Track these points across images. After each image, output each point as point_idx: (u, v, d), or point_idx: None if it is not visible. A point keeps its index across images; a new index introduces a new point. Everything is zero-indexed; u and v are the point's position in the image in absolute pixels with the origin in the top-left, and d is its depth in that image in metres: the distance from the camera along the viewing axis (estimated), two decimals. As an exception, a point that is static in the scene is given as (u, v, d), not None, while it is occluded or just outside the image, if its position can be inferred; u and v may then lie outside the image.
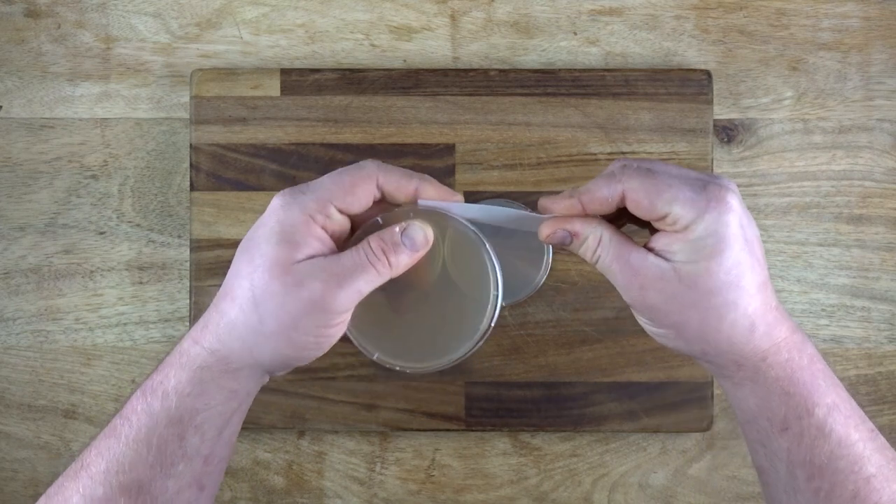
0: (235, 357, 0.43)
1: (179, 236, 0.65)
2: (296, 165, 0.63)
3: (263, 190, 0.63)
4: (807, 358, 0.43)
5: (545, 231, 0.45)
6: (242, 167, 0.63)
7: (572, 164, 0.63)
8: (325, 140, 0.63)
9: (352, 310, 0.44)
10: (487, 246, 0.46)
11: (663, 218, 0.42)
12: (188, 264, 0.64)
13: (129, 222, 0.65)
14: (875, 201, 0.64)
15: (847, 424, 0.43)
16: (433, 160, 0.63)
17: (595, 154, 0.63)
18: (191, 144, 0.63)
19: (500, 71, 0.63)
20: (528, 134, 0.63)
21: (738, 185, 0.64)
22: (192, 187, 0.63)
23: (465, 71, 0.63)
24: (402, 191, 0.45)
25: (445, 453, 0.64)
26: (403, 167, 0.63)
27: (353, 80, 0.63)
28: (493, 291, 0.46)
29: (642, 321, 0.45)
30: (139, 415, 0.43)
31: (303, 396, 0.63)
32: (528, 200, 0.62)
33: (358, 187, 0.44)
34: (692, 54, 0.65)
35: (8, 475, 0.65)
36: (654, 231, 0.44)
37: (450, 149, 0.63)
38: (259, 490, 0.64)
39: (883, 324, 0.64)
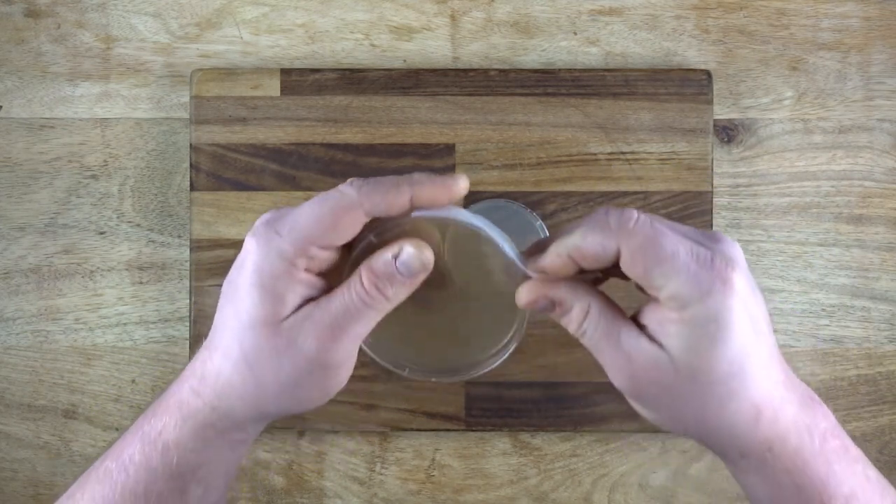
0: (238, 413, 0.41)
1: (179, 236, 0.65)
2: (296, 165, 0.63)
3: (263, 190, 0.63)
4: (819, 438, 0.39)
5: (524, 298, 0.41)
6: (242, 167, 0.63)
7: (572, 164, 0.63)
8: (325, 140, 0.63)
9: (355, 354, 0.41)
10: (501, 242, 0.41)
11: (659, 290, 0.38)
12: (188, 264, 0.64)
13: (129, 222, 0.65)
14: (875, 201, 0.64)
15: None
16: (433, 160, 0.63)
17: (595, 154, 0.63)
18: (191, 144, 0.63)
19: (500, 71, 0.63)
20: (528, 134, 0.63)
21: (738, 186, 0.64)
22: (192, 187, 0.63)
23: (465, 71, 0.63)
24: (394, 208, 0.39)
25: (445, 453, 0.64)
26: (401, 167, 0.63)
27: (353, 80, 0.63)
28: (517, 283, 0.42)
29: (633, 403, 0.41)
30: (137, 467, 0.41)
31: (303, 396, 0.62)
32: (528, 200, 0.62)
33: (340, 221, 0.39)
34: (692, 54, 0.65)
35: (8, 475, 0.65)
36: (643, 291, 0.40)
37: (450, 149, 0.63)
38: (259, 490, 0.64)
39: (883, 324, 0.64)
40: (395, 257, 0.39)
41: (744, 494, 0.64)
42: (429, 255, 0.40)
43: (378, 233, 0.40)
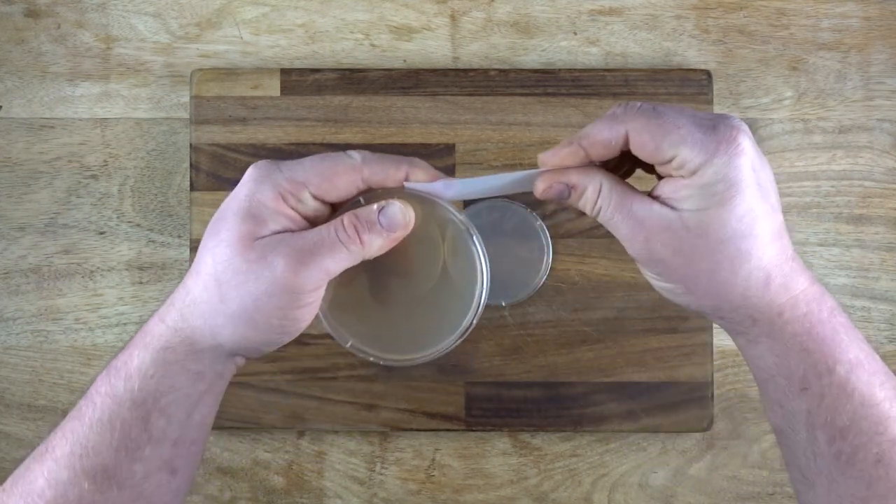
0: (198, 337, 0.42)
1: (179, 236, 0.65)
2: (296, 165, 0.63)
3: (263, 190, 0.63)
4: (826, 311, 0.40)
5: (541, 186, 0.42)
6: (242, 167, 0.63)
7: (572, 164, 0.63)
8: (325, 140, 0.63)
9: (320, 291, 0.41)
10: (475, 237, 0.43)
11: (669, 161, 0.39)
12: (188, 264, 0.64)
13: (129, 222, 0.65)
14: (875, 201, 0.64)
15: (871, 383, 0.39)
16: (433, 160, 0.63)
17: (595, 154, 0.63)
18: (191, 144, 0.63)
19: (500, 71, 0.63)
20: (528, 134, 0.63)
21: (738, 185, 0.64)
22: (192, 187, 0.63)
23: (465, 71, 0.63)
24: (390, 180, 0.42)
25: (445, 453, 0.64)
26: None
27: (353, 80, 0.63)
28: (479, 286, 0.43)
29: (649, 276, 0.42)
30: (103, 397, 0.42)
31: (303, 396, 0.63)
32: (529, 200, 0.62)
33: (339, 177, 0.41)
34: (692, 54, 0.65)
35: (8, 475, 0.65)
36: (659, 178, 0.41)
37: (450, 149, 0.63)
38: (259, 490, 0.64)
39: (883, 324, 0.64)
40: (381, 210, 0.41)
41: (743, 493, 0.64)
42: (412, 215, 0.42)
43: (368, 197, 0.42)
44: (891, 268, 0.64)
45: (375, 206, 0.42)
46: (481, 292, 0.44)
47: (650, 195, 0.41)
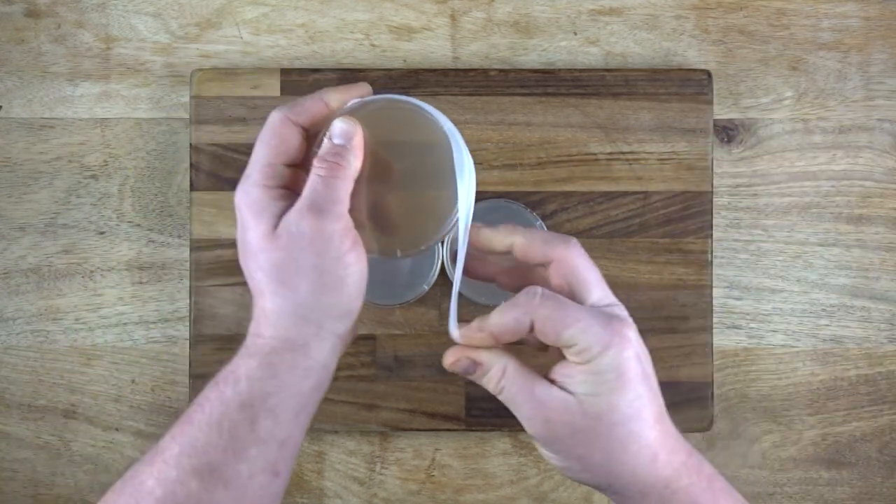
0: (295, 335, 0.44)
1: (179, 236, 0.65)
2: (296, 165, 0.63)
3: (263, 190, 0.63)
4: (706, 479, 0.45)
5: (449, 359, 0.46)
6: (242, 167, 0.62)
7: (572, 164, 0.63)
8: (325, 140, 0.63)
9: (348, 226, 0.44)
10: (437, 114, 0.46)
11: (569, 348, 0.43)
12: (188, 264, 0.64)
13: (129, 222, 0.65)
14: (875, 201, 0.64)
15: None
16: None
17: (595, 154, 0.63)
18: (191, 144, 0.63)
19: (500, 71, 0.63)
20: (528, 134, 0.63)
21: (738, 186, 0.64)
22: (192, 187, 0.63)
23: (465, 71, 0.63)
24: (314, 109, 0.46)
25: (445, 453, 0.64)
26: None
27: (353, 80, 0.63)
28: (460, 154, 0.46)
29: (546, 454, 0.46)
30: (212, 401, 0.43)
31: (303, 396, 0.62)
32: (528, 200, 0.62)
33: (280, 136, 0.46)
34: (692, 54, 0.65)
35: (8, 475, 0.65)
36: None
37: (450, 149, 0.63)
38: (259, 490, 0.64)
39: (883, 324, 0.64)
40: (330, 136, 0.45)
41: (743, 493, 0.64)
42: (353, 120, 0.46)
43: (318, 143, 0.46)
44: (891, 268, 0.64)
45: (325, 138, 0.45)
46: (464, 161, 0.46)
47: (546, 377, 0.45)
